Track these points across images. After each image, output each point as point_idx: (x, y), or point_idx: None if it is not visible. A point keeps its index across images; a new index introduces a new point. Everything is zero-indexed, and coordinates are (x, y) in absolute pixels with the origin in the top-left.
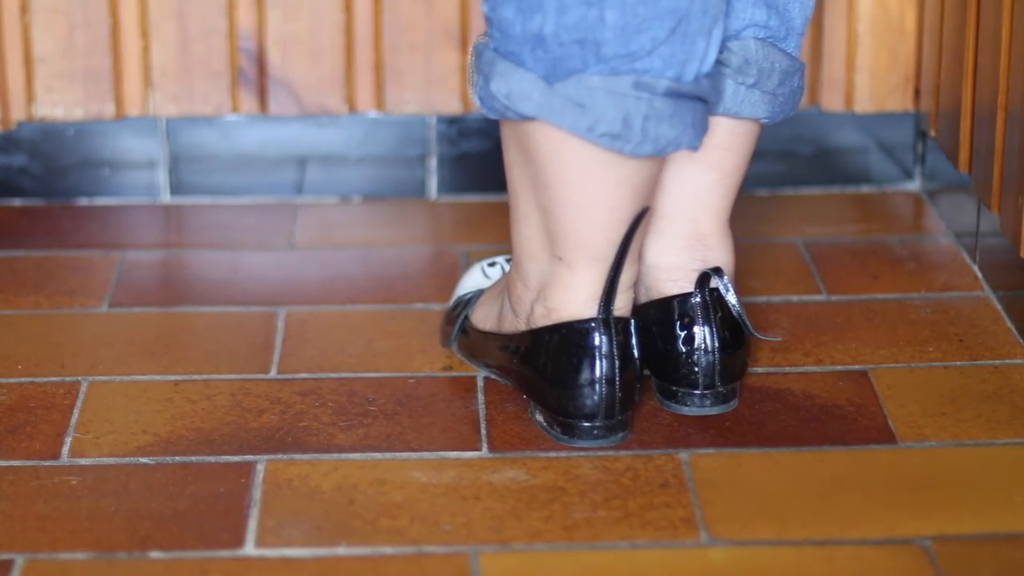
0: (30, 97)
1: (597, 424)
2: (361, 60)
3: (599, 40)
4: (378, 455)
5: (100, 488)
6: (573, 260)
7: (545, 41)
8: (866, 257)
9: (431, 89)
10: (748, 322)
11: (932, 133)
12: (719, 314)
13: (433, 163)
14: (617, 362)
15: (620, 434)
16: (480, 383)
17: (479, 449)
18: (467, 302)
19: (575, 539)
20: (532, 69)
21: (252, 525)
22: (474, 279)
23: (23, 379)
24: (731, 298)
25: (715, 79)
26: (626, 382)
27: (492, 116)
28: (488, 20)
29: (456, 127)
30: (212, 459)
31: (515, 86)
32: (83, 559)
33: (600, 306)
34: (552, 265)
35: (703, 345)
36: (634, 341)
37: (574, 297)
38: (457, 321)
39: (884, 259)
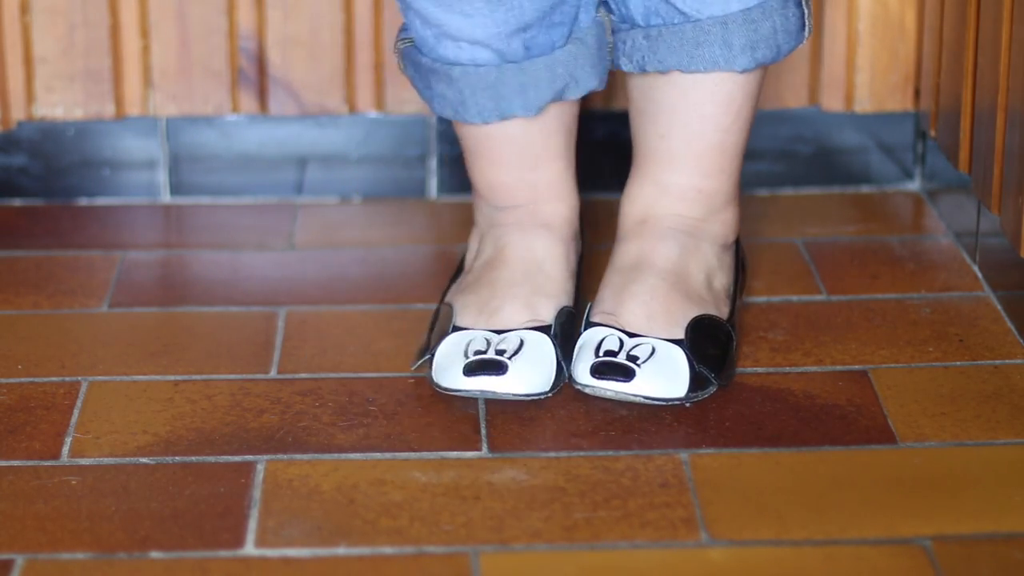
0: (30, 97)
1: None
2: (361, 60)
3: None
4: (378, 455)
5: (100, 488)
6: None
7: None
8: (866, 257)
9: None
10: None
11: (932, 133)
12: None
13: (433, 163)
14: None
15: None
16: None
17: (479, 449)
18: None
19: (575, 539)
20: None
21: (252, 525)
22: None
23: (23, 379)
24: None
25: None
26: None
27: None
28: None
29: None
30: (212, 459)
31: None
32: (83, 559)
33: None
34: None
35: None
36: None
37: None
38: None
39: (884, 259)
